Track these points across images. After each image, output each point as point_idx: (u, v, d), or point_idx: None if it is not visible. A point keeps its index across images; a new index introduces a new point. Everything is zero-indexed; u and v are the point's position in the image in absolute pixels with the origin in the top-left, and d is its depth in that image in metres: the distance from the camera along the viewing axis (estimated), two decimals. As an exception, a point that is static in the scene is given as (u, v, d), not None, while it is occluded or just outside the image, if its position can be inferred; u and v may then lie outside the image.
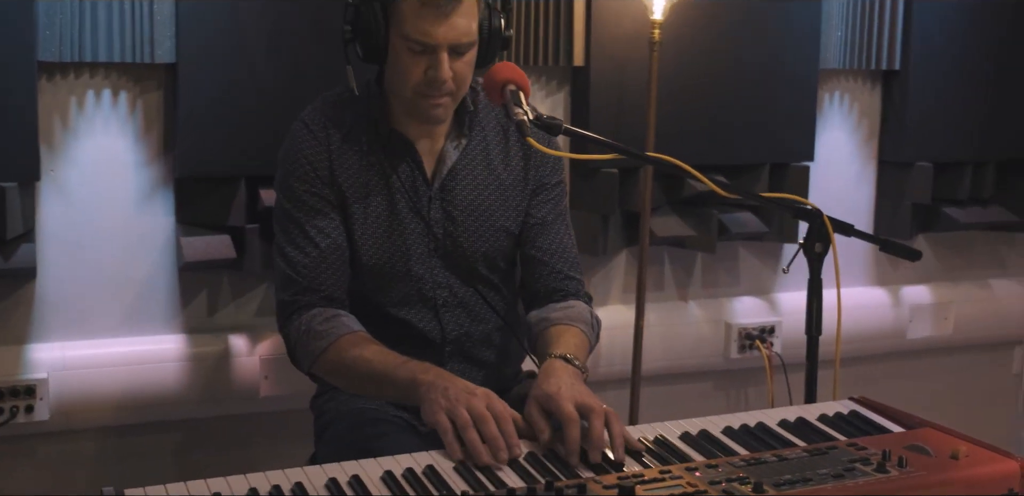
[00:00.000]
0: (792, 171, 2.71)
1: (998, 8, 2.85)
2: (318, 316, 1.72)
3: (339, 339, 1.69)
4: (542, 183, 1.85)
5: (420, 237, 1.79)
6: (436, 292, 1.81)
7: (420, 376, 1.55)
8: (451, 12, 1.62)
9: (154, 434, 2.30)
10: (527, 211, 1.85)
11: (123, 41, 2.08)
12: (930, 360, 3.08)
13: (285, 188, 1.78)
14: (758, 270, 2.86)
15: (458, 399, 1.48)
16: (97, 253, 2.20)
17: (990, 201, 3.01)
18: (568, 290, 1.84)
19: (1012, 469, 1.39)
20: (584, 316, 1.79)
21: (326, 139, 1.76)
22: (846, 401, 1.67)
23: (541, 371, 1.59)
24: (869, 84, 2.86)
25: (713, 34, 2.54)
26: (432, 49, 1.64)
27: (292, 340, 1.75)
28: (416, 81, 1.67)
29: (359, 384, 1.69)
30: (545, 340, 1.72)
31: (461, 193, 1.80)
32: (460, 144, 1.80)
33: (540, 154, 1.83)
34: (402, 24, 1.64)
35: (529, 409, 1.50)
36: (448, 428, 1.44)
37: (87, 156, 2.16)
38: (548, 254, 1.84)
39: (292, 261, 1.75)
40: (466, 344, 1.83)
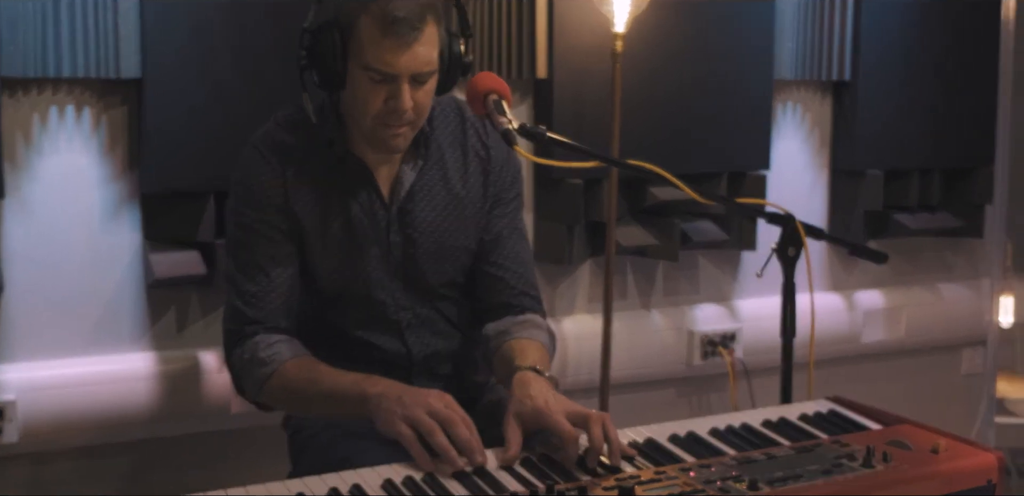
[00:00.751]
0: (749, 180, 2.77)
1: (944, 21, 2.95)
2: (261, 343, 1.70)
3: (283, 364, 1.67)
4: (500, 198, 1.83)
5: (379, 262, 1.77)
6: (399, 314, 1.80)
7: (369, 390, 1.54)
8: (412, 41, 1.59)
9: (127, 453, 2.27)
10: (484, 226, 1.83)
11: (87, 57, 2.06)
12: (883, 363, 3.16)
13: (237, 215, 1.75)
14: (718, 278, 2.91)
15: (415, 403, 1.46)
16: (63, 271, 2.17)
17: (937, 207, 3.10)
18: (524, 305, 1.82)
19: (989, 461, 1.44)
20: (542, 332, 1.78)
21: (280, 166, 1.72)
22: (823, 400, 1.72)
23: (515, 385, 1.57)
24: (820, 95, 2.94)
25: (672, 46, 2.59)
26: (393, 78, 1.61)
27: (236, 370, 1.73)
28: (376, 110, 1.64)
29: (309, 406, 1.68)
30: (508, 353, 1.70)
31: (420, 215, 1.77)
32: (417, 165, 1.77)
33: (499, 169, 1.82)
34: (362, 53, 1.60)
35: (508, 423, 1.49)
36: (412, 437, 1.42)
37: (52, 173, 2.13)
38: (504, 269, 1.82)
39: (242, 291, 1.72)
40: (432, 362, 1.82)
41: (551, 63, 2.47)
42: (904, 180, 3.00)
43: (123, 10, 2.06)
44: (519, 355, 1.66)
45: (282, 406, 1.74)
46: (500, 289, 1.82)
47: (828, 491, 1.32)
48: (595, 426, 1.44)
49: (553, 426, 1.45)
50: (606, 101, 2.43)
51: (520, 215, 1.88)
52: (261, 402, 1.75)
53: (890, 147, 2.95)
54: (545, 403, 1.49)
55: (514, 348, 1.69)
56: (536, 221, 2.59)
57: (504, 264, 1.82)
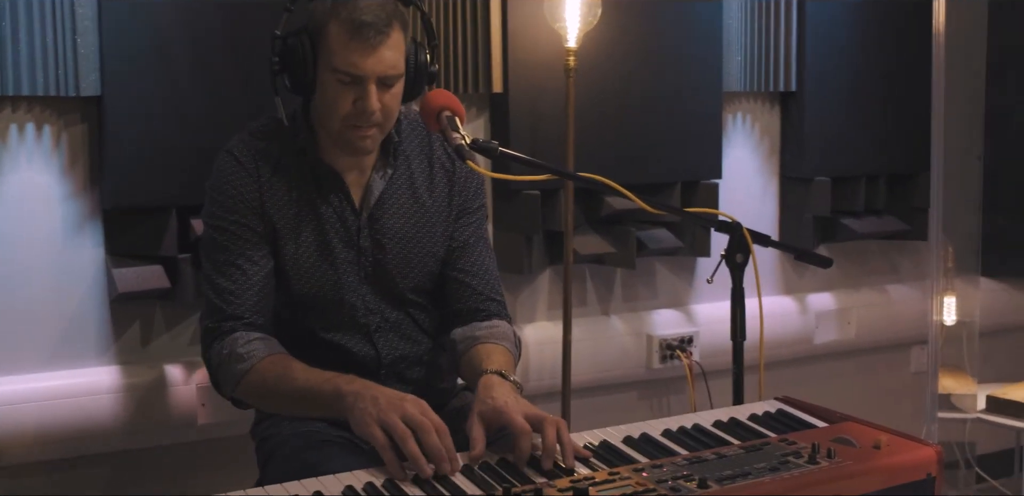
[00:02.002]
0: (702, 188, 2.84)
1: (886, 32, 3.05)
2: (239, 339, 1.74)
3: (261, 361, 1.71)
4: (464, 208, 1.91)
5: (351, 266, 1.82)
6: (369, 318, 1.85)
7: (345, 387, 1.58)
8: (379, 45, 1.67)
9: (93, 467, 2.28)
10: (451, 234, 1.90)
11: (47, 75, 2.08)
12: (836, 363, 3.24)
13: (214, 218, 1.80)
14: (674, 283, 2.98)
15: (390, 407, 1.50)
16: (26, 287, 2.19)
17: (883, 212, 3.19)
18: (490, 310, 1.88)
19: (929, 455, 1.51)
20: (508, 335, 1.84)
21: (256, 171, 1.79)
22: (772, 401, 1.78)
23: (480, 387, 1.62)
24: (768, 105, 3.02)
25: (624, 60, 2.66)
26: (360, 81, 1.69)
27: (214, 365, 1.77)
28: (345, 112, 1.71)
29: (284, 403, 1.72)
30: (474, 357, 1.75)
31: (388, 222, 1.84)
32: (386, 174, 1.84)
33: (463, 180, 1.89)
34: (331, 56, 1.69)
35: (472, 422, 1.54)
36: (385, 443, 1.46)
37: (12, 191, 2.15)
38: (470, 276, 1.89)
39: (218, 288, 1.77)
40: (401, 365, 1.87)
41: (506, 78, 2.53)
42: (850, 186, 3.08)
43: (81, 29, 2.09)
44: (485, 359, 1.72)
45: (257, 402, 1.77)
46: (467, 295, 1.88)
47: (774, 487, 1.38)
48: (549, 429, 1.49)
49: (509, 422, 1.51)
50: (561, 114, 2.49)
51: (485, 225, 1.95)
52: (236, 398, 1.78)
53: (836, 154, 3.04)
54: (505, 403, 1.55)
55: (480, 353, 1.75)
56: (495, 231, 2.64)
57: (471, 271, 1.89)
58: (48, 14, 2.06)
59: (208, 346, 1.78)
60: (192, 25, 2.19)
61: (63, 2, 2.07)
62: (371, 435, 1.49)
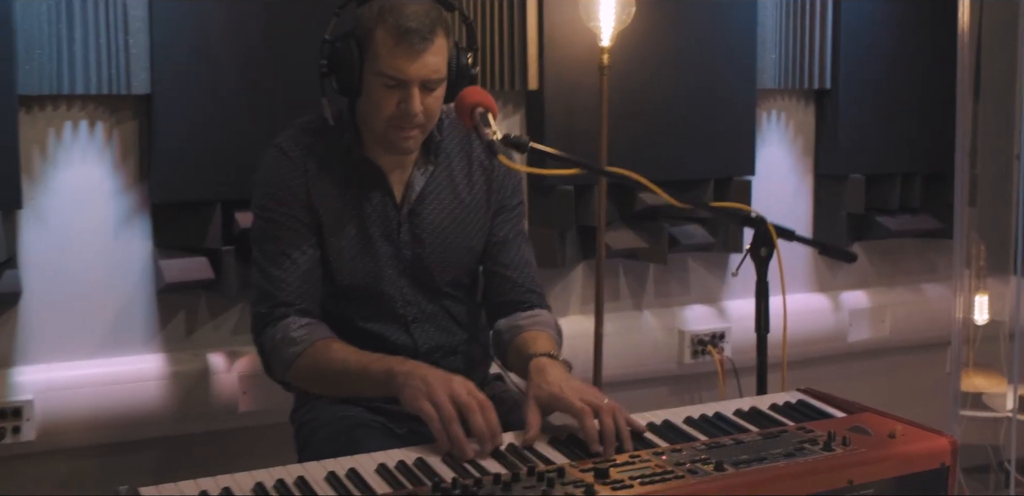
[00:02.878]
0: (735, 185, 2.88)
1: (920, 29, 3.06)
2: (292, 324, 1.81)
3: (313, 344, 1.79)
4: (503, 205, 1.98)
5: (390, 259, 1.90)
6: (406, 309, 1.92)
7: (397, 367, 1.65)
8: (423, 51, 1.74)
9: (137, 451, 2.37)
10: (490, 230, 1.97)
11: (99, 74, 2.17)
12: (869, 361, 3.25)
13: (264, 210, 1.88)
14: (706, 279, 3.01)
15: (439, 386, 1.57)
16: (78, 277, 2.28)
17: (919, 210, 3.20)
18: (532, 301, 1.96)
19: (943, 445, 1.54)
20: (551, 323, 1.92)
21: (303, 165, 1.86)
22: (793, 392, 1.82)
23: (532, 369, 1.69)
24: (803, 102, 3.05)
25: (658, 59, 2.71)
26: (404, 84, 1.76)
27: (267, 349, 1.84)
28: (389, 114, 1.78)
29: (336, 384, 1.79)
30: (521, 344, 1.83)
31: (428, 217, 1.91)
32: (427, 171, 1.92)
33: (501, 178, 1.96)
34: (377, 60, 1.76)
35: (529, 406, 1.61)
36: (434, 416, 1.53)
37: (66, 185, 2.25)
38: (511, 269, 1.96)
39: (269, 276, 1.85)
40: (436, 355, 1.94)
41: (542, 75, 2.58)
42: (886, 184, 3.10)
43: (133, 30, 2.18)
44: (531, 344, 1.79)
45: (308, 384, 1.84)
46: (508, 288, 1.95)
47: (788, 471, 1.43)
48: (607, 417, 1.55)
49: (568, 408, 1.58)
50: (595, 111, 2.54)
51: (523, 221, 2.03)
52: (287, 381, 1.86)
53: (871, 152, 3.05)
54: (560, 389, 1.61)
55: (526, 339, 1.83)
56: (530, 227, 2.69)
57: (511, 265, 1.97)
58: (102, 16, 2.16)
59: (260, 331, 1.86)
60: (237, 27, 2.27)
61: (116, 4, 2.16)
62: (420, 409, 1.55)
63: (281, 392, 2.36)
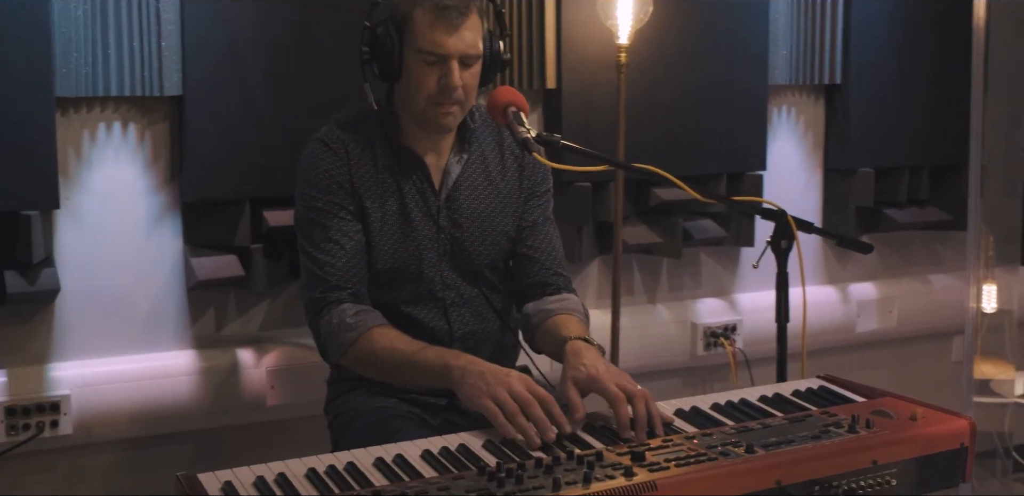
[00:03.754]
0: (747, 179, 2.94)
1: (929, 25, 3.13)
2: (348, 310, 1.88)
3: (369, 330, 1.85)
4: (534, 191, 2.06)
5: (431, 242, 1.97)
6: (445, 292, 1.99)
7: (452, 361, 1.72)
8: (460, 25, 1.83)
9: (170, 444, 2.44)
10: (521, 215, 2.04)
11: (133, 76, 2.23)
12: (877, 352, 3.32)
13: (308, 199, 1.94)
14: (718, 273, 3.08)
15: (497, 382, 1.64)
16: (112, 275, 2.34)
17: (926, 203, 3.27)
18: (559, 285, 2.03)
19: (963, 427, 1.61)
20: (578, 307, 1.99)
21: (345, 154, 1.94)
22: (814, 379, 1.88)
23: (568, 353, 1.76)
24: (813, 98, 3.11)
25: (673, 56, 2.77)
26: (444, 59, 1.85)
27: (323, 333, 1.90)
28: (430, 91, 1.87)
29: (390, 371, 1.85)
30: (552, 327, 1.90)
31: (465, 202, 1.99)
32: (462, 158, 2.00)
33: (532, 165, 2.04)
34: (416, 38, 1.85)
35: (568, 387, 1.67)
36: (496, 412, 1.59)
37: (100, 185, 2.31)
38: (539, 252, 2.04)
39: (319, 262, 1.91)
40: (470, 341, 2.00)
41: (559, 74, 2.64)
42: (894, 177, 3.16)
43: (166, 34, 2.24)
44: (564, 328, 1.86)
45: (363, 369, 1.90)
46: (536, 269, 2.03)
47: (815, 453, 1.49)
48: (640, 404, 1.61)
49: (603, 391, 1.64)
50: (612, 109, 2.60)
51: (551, 207, 2.10)
52: (342, 365, 1.92)
53: (880, 146, 3.12)
54: (597, 372, 1.68)
55: (557, 323, 1.90)
56: (547, 222, 2.75)
57: (540, 247, 2.04)
58: (135, 20, 2.21)
59: (317, 314, 1.92)
60: (266, 30, 2.33)
61: (149, 8, 2.22)
62: (483, 406, 1.62)
63: (308, 386, 2.45)
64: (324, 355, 1.95)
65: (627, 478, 1.39)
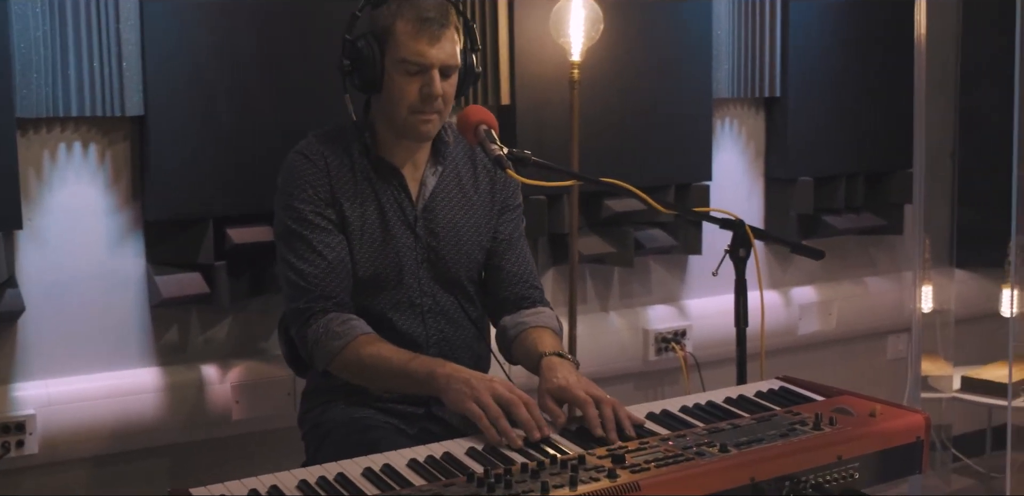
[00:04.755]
0: (694, 190, 3.04)
1: (863, 40, 3.27)
2: (335, 319, 1.92)
3: (355, 339, 1.90)
4: (506, 205, 2.13)
5: (410, 250, 2.02)
6: (423, 299, 2.04)
7: (437, 369, 1.78)
8: (441, 36, 1.90)
9: (136, 461, 2.44)
10: (495, 229, 2.11)
11: (94, 96, 2.23)
12: (818, 352, 3.44)
13: (289, 209, 1.98)
14: (667, 280, 3.17)
15: (482, 387, 1.70)
16: (75, 294, 2.34)
17: (861, 209, 3.41)
18: (534, 298, 2.10)
19: (918, 421, 1.71)
20: (553, 322, 2.05)
21: (324, 165, 1.99)
22: (773, 380, 1.97)
23: (544, 368, 1.83)
24: (754, 110, 3.23)
25: (622, 72, 2.85)
26: (425, 68, 1.91)
27: (310, 342, 1.94)
28: (411, 100, 1.93)
29: (376, 378, 1.90)
30: (528, 341, 1.96)
31: (441, 213, 2.05)
32: (437, 170, 2.06)
33: (503, 181, 2.11)
34: (398, 49, 1.91)
35: (544, 399, 1.75)
36: (481, 414, 1.66)
37: (61, 205, 2.30)
38: (515, 266, 2.11)
39: (302, 272, 1.95)
40: (445, 348, 2.06)
41: (513, 90, 2.71)
42: (831, 185, 3.29)
43: (127, 54, 2.25)
44: (539, 343, 1.93)
45: (350, 376, 1.94)
46: (512, 282, 2.09)
47: (785, 450, 1.57)
48: (607, 408, 1.69)
49: (572, 398, 1.72)
50: (565, 124, 2.67)
51: (523, 223, 2.17)
52: (329, 372, 1.96)
53: (818, 155, 3.25)
54: (567, 382, 1.76)
55: (532, 337, 1.97)
56: (503, 234, 2.81)
57: (515, 261, 2.11)
58: (96, 40, 2.22)
59: (304, 324, 1.95)
60: (228, 50, 2.35)
61: (109, 29, 2.23)
62: (467, 409, 1.68)
63: (272, 400, 2.49)
64: (311, 364, 1.98)
65: (611, 480, 1.46)
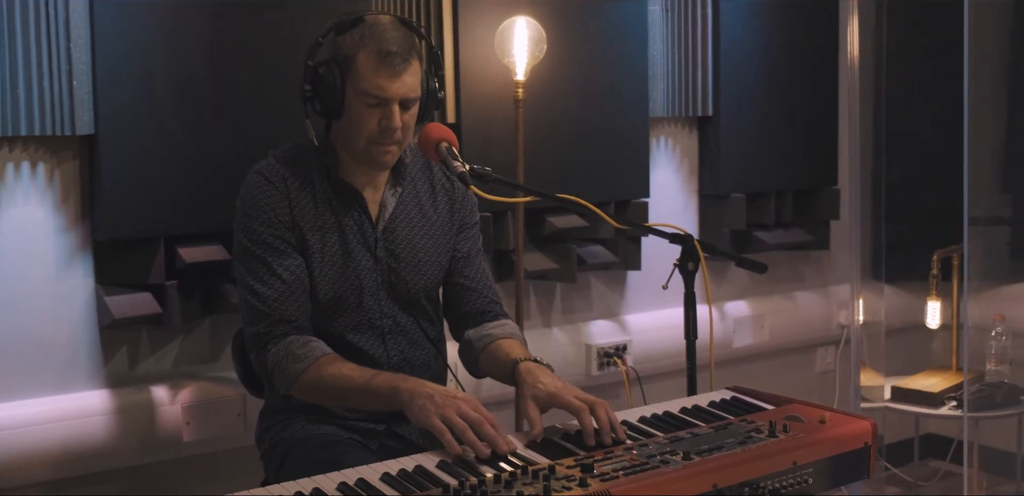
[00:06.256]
0: (633, 206, 3.12)
1: (792, 63, 3.41)
2: (295, 342, 1.93)
3: (317, 360, 1.91)
4: (464, 223, 2.16)
5: (370, 272, 2.04)
6: (383, 321, 2.06)
7: (400, 385, 1.80)
8: (402, 71, 1.92)
9: (88, 485, 2.40)
10: (454, 247, 2.14)
11: (43, 116, 2.22)
12: (752, 364, 3.54)
13: (249, 232, 1.98)
14: (608, 296, 3.24)
15: (446, 404, 1.72)
16: (22, 316, 2.31)
17: (791, 225, 3.53)
18: (495, 311, 2.14)
19: (865, 427, 1.79)
20: (517, 332, 2.10)
21: (284, 187, 2.00)
22: (724, 390, 2.04)
23: (523, 373, 1.86)
24: (688, 129, 3.33)
25: (563, 92, 2.92)
26: (385, 102, 1.93)
27: (270, 366, 1.95)
28: (371, 131, 1.95)
29: (340, 398, 1.91)
30: (498, 351, 2.00)
31: (401, 234, 2.07)
32: (397, 192, 2.09)
33: (461, 199, 2.14)
34: (359, 80, 1.92)
35: (527, 405, 1.78)
36: (444, 430, 1.68)
37: (8, 225, 2.27)
38: (475, 281, 2.14)
39: (260, 295, 1.96)
40: (405, 368, 2.08)
41: (459, 109, 2.75)
42: (761, 201, 3.41)
43: (77, 72, 2.24)
44: (510, 350, 1.97)
45: (313, 398, 1.95)
46: (473, 298, 2.13)
47: (745, 456, 1.64)
48: (601, 411, 1.74)
49: (566, 405, 1.76)
50: (510, 141, 2.73)
51: (480, 239, 2.20)
52: (291, 395, 1.96)
53: (748, 173, 3.36)
54: (556, 388, 1.80)
55: (502, 346, 2.00)
56: (449, 251, 2.85)
57: (475, 277, 2.14)
58: (45, 59, 2.20)
59: (263, 348, 1.95)
60: (179, 69, 2.36)
61: (59, 47, 2.22)
62: (432, 426, 1.70)
63: (223, 420, 2.48)
64: (271, 386, 1.99)
65: (583, 488, 1.50)
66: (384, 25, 1.94)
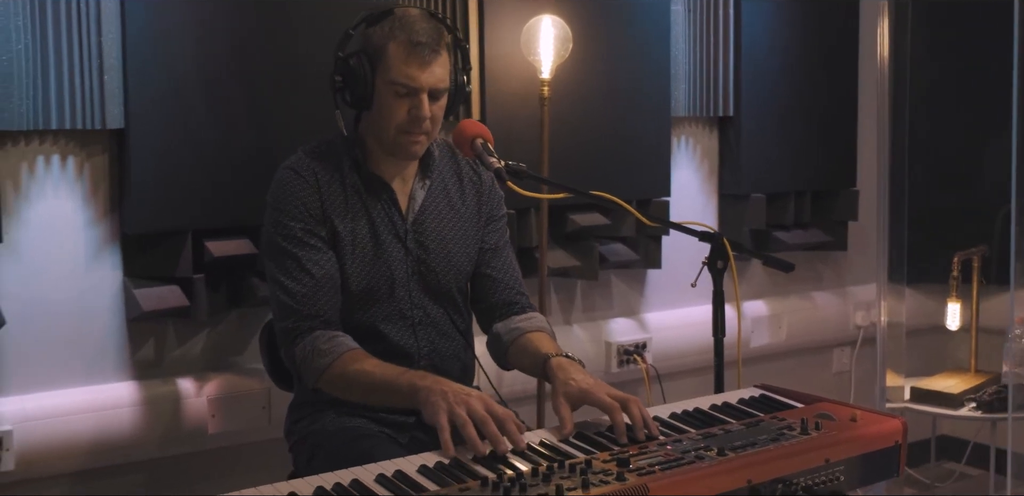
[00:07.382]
0: (654, 205, 3.13)
1: (812, 64, 3.42)
2: (321, 337, 1.95)
3: (342, 356, 1.92)
4: (492, 215, 2.18)
5: (400, 264, 2.06)
6: (413, 311, 2.08)
7: (419, 382, 1.80)
8: (432, 61, 1.94)
9: (114, 477, 2.42)
10: (482, 239, 2.16)
11: (74, 110, 2.23)
12: (769, 364, 3.55)
13: (279, 226, 2.00)
14: (628, 294, 3.25)
15: (457, 402, 1.72)
16: (52, 308, 2.32)
17: (809, 225, 3.54)
18: (522, 303, 2.15)
19: (896, 426, 1.80)
20: (546, 325, 2.11)
21: (315, 182, 2.01)
22: (752, 388, 2.05)
23: (555, 369, 1.87)
24: (709, 129, 3.34)
25: (587, 91, 2.93)
26: (415, 92, 1.95)
27: (298, 361, 1.96)
28: (400, 120, 1.96)
29: (363, 394, 1.92)
30: (527, 345, 2.01)
31: (430, 226, 2.09)
32: (425, 184, 2.10)
33: (489, 191, 2.16)
34: (389, 71, 1.94)
35: (559, 402, 1.79)
36: (446, 427, 1.68)
37: (39, 218, 2.29)
38: (502, 273, 2.16)
39: (290, 291, 1.97)
40: (435, 358, 2.09)
41: (484, 107, 2.76)
42: (781, 201, 3.41)
43: (108, 68, 2.26)
44: (540, 345, 1.98)
45: (338, 392, 1.96)
46: (500, 289, 2.14)
47: (778, 453, 1.64)
48: (635, 408, 1.74)
49: (598, 402, 1.77)
50: (534, 139, 2.74)
51: (508, 232, 2.22)
52: (318, 388, 1.97)
53: (769, 173, 3.37)
54: (589, 385, 1.81)
55: (532, 340, 2.01)
56: (471, 248, 2.86)
57: (502, 268, 2.16)
58: (76, 54, 2.22)
59: (291, 343, 1.97)
60: (208, 64, 2.37)
61: (91, 43, 2.23)
62: (438, 423, 1.70)
63: (248, 413, 2.49)
64: (300, 381, 2.00)
65: (620, 482, 1.51)
66: (414, 17, 1.96)
